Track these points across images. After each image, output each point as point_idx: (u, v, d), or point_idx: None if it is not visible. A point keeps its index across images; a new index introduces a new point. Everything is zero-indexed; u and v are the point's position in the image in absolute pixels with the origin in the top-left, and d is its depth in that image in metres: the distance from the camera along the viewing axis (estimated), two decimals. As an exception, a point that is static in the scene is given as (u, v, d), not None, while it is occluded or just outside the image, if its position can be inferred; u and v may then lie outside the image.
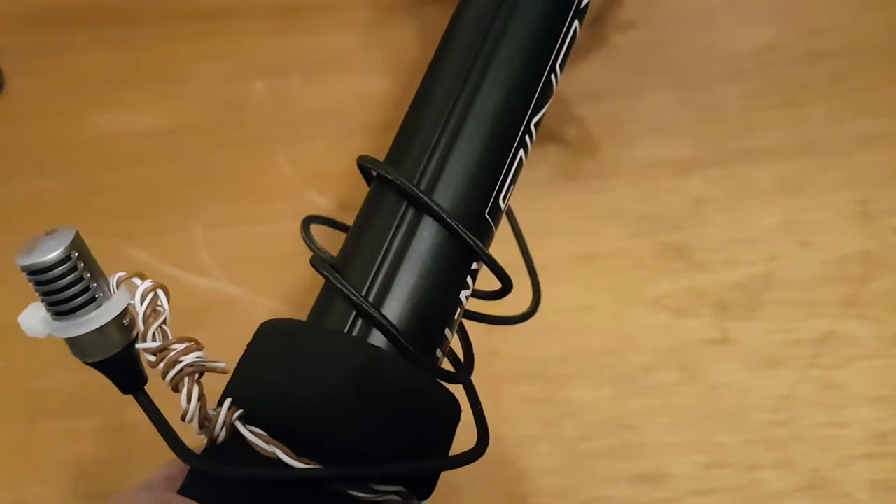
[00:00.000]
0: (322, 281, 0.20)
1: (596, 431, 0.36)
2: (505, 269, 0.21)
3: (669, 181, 0.42)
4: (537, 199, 0.41)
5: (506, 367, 0.37)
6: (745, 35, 0.45)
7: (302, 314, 0.39)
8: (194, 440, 0.18)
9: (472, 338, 0.24)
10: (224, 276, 0.40)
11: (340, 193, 0.42)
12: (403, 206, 0.19)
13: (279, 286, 0.40)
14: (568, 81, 0.29)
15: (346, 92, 0.46)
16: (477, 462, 0.21)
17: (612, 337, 0.38)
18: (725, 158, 0.42)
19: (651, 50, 0.46)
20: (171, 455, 0.35)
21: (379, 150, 0.44)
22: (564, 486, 0.35)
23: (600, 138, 0.43)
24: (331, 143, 0.44)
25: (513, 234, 0.28)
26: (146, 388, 0.18)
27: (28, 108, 0.46)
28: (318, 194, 0.42)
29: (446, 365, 0.21)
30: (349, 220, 0.42)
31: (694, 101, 0.44)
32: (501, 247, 0.23)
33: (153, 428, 0.40)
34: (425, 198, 0.19)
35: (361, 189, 0.43)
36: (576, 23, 0.22)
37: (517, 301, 0.24)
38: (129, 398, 0.39)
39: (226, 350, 0.23)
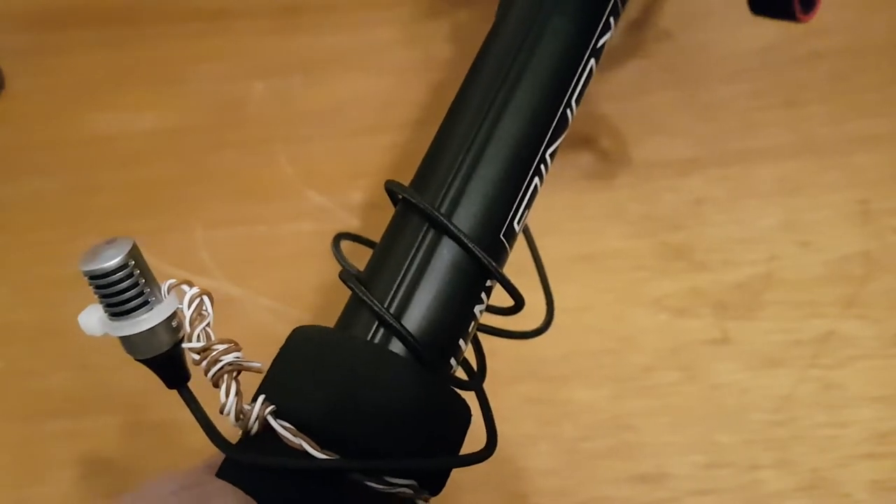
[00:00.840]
0: (342, 291, 0.22)
1: (595, 431, 0.36)
2: (518, 285, 0.22)
3: (670, 181, 0.42)
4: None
5: (505, 366, 0.37)
6: (745, 35, 0.45)
7: (301, 314, 0.39)
8: (230, 433, 0.19)
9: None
10: (224, 275, 0.40)
11: (340, 193, 0.42)
12: (425, 227, 0.21)
13: (279, 286, 0.40)
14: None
15: (346, 92, 0.46)
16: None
17: (612, 337, 0.38)
18: (726, 158, 0.42)
19: (651, 50, 0.46)
20: (174, 457, 0.35)
21: (378, 151, 0.44)
22: (564, 486, 0.35)
23: (601, 138, 0.43)
24: (331, 143, 0.44)
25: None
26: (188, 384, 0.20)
27: (28, 109, 0.46)
28: (317, 194, 0.42)
29: (461, 373, 0.22)
30: (350, 219, 0.42)
31: (694, 101, 0.44)
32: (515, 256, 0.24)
33: (153, 428, 0.40)
34: (445, 220, 0.20)
35: (361, 189, 0.43)
36: (592, 61, 0.24)
37: (529, 311, 0.25)
38: (129, 398, 0.39)
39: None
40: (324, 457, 0.18)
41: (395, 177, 0.42)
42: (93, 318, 0.19)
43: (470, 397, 0.22)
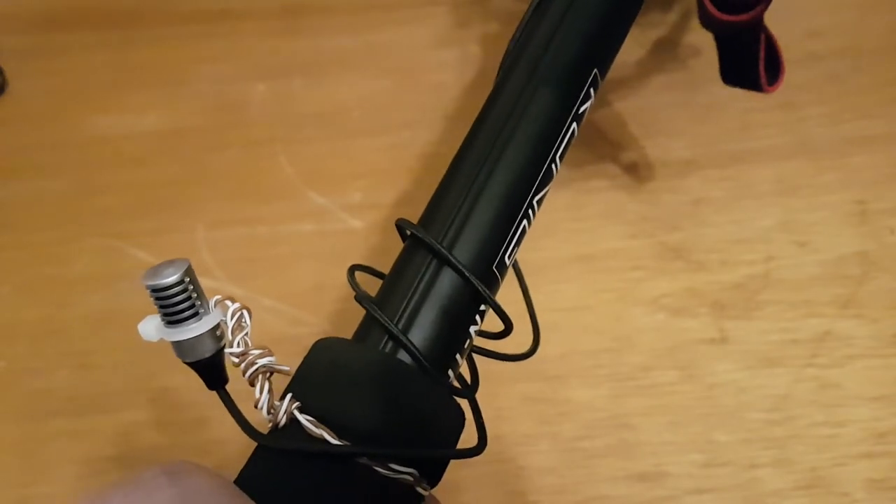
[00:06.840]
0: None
1: (594, 430, 0.36)
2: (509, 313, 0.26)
3: (668, 182, 0.42)
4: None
5: (505, 366, 0.37)
6: (743, 36, 0.46)
7: (302, 314, 0.40)
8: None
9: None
10: (225, 276, 0.41)
11: (341, 194, 0.43)
12: (429, 258, 0.25)
13: (280, 286, 0.40)
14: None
15: (347, 93, 0.46)
16: (477, 460, 0.23)
17: (610, 336, 0.38)
18: (724, 159, 0.43)
19: (649, 52, 0.46)
20: (174, 456, 0.35)
21: (378, 152, 0.44)
22: (563, 485, 0.35)
23: (599, 139, 0.44)
24: (331, 144, 0.44)
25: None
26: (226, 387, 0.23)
27: (30, 110, 0.46)
28: (318, 195, 0.43)
29: (457, 384, 0.26)
30: (351, 220, 0.43)
31: (692, 103, 0.44)
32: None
33: (155, 427, 0.40)
34: (447, 253, 0.24)
35: (362, 190, 0.43)
36: (574, 125, 0.28)
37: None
38: (130, 397, 0.40)
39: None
40: (338, 442, 0.21)
41: (395, 177, 0.43)
42: (150, 325, 0.22)
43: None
